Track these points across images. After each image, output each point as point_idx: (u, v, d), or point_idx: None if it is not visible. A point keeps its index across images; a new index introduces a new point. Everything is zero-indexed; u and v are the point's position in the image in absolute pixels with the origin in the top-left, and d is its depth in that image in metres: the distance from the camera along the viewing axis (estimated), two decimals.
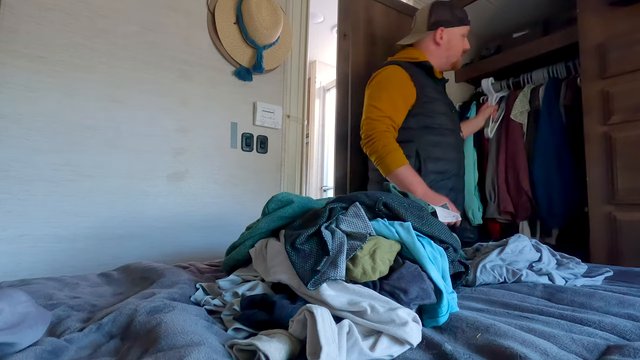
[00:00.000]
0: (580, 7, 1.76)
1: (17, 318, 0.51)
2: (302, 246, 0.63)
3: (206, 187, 1.66)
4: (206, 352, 0.44)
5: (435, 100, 1.55)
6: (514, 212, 2.14)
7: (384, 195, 0.72)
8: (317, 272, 0.57)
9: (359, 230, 0.65)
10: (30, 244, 1.26)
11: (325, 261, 0.58)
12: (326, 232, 0.63)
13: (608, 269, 1.01)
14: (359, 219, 0.67)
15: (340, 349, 0.44)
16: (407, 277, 0.60)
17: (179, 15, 1.63)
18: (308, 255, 0.61)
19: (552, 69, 2.15)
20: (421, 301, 0.58)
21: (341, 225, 0.66)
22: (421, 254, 0.64)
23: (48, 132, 1.31)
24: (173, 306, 0.63)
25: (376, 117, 1.45)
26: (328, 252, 0.60)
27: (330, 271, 0.57)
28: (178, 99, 1.61)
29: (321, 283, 0.56)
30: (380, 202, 0.70)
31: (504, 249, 1.02)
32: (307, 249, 0.62)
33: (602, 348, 0.50)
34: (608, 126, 1.63)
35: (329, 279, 0.56)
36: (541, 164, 2.01)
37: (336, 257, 0.59)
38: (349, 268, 0.60)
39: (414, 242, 0.65)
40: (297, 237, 0.63)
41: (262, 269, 0.73)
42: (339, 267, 0.57)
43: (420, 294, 0.58)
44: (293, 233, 0.65)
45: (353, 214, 0.68)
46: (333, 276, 0.56)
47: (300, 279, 0.58)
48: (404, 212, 0.70)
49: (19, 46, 1.27)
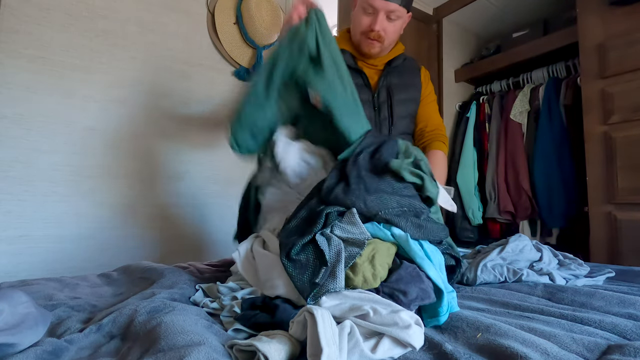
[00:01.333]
0: (580, 7, 1.76)
1: (18, 319, 0.51)
2: (298, 256, 0.60)
3: (206, 187, 1.66)
4: (206, 352, 0.44)
5: None
6: (514, 212, 2.15)
7: (382, 210, 0.68)
8: (315, 285, 0.55)
9: (356, 236, 0.63)
10: (30, 245, 1.26)
11: (323, 273, 0.56)
12: (322, 240, 0.61)
13: (610, 270, 1.01)
14: (355, 226, 0.65)
15: (341, 351, 0.44)
16: (405, 278, 0.59)
17: (179, 15, 1.63)
18: (305, 266, 0.59)
19: (552, 68, 2.15)
20: (421, 301, 0.58)
21: (336, 232, 0.64)
22: (418, 255, 0.63)
23: (48, 132, 1.31)
24: (173, 306, 0.63)
25: None
26: (326, 262, 0.58)
27: (330, 283, 0.55)
28: (178, 99, 1.61)
29: (320, 296, 0.54)
30: (380, 218, 0.67)
31: (504, 248, 1.02)
32: (304, 259, 0.60)
33: (602, 347, 0.50)
34: (608, 126, 1.63)
35: (328, 292, 0.55)
36: (541, 164, 2.01)
37: (334, 267, 0.57)
38: (349, 277, 0.58)
39: (410, 244, 0.64)
40: (292, 246, 0.61)
41: (251, 277, 0.71)
42: (337, 278, 0.56)
43: (419, 295, 0.58)
44: (288, 242, 0.63)
45: (348, 221, 0.66)
46: (332, 288, 0.55)
47: (299, 292, 0.56)
48: (403, 223, 0.67)
49: (19, 46, 1.27)
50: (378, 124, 1.25)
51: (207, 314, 0.65)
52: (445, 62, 2.54)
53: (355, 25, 1.23)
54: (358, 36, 1.23)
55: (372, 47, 1.22)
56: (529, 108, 2.16)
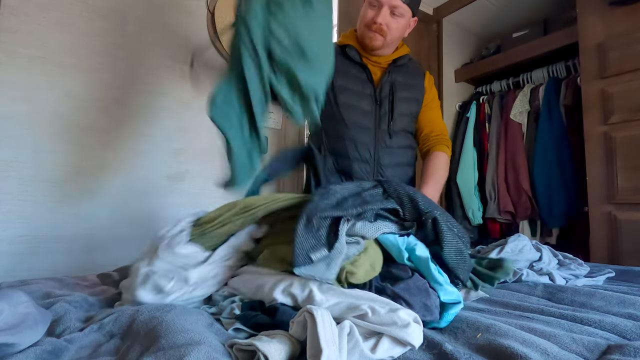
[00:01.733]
0: (580, 7, 1.76)
1: (18, 318, 0.51)
2: (318, 220, 0.60)
3: (206, 187, 1.66)
4: (206, 351, 0.44)
5: (345, 91, 1.27)
6: (514, 212, 2.14)
7: (438, 213, 0.66)
8: (309, 260, 0.56)
9: (368, 235, 0.63)
10: (30, 245, 1.26)
11: (321, 255, 0.57)
12: (343, 229, 0.60)
13: (610, 270, 1.01)
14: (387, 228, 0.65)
15: (341, 351, 0.44)
16: (412, 289, 0.59)
17: (179, 15, 1.63)
18: (314, 234, 0.59)
19: (552, 68, 2.15)
20: (422, 317, 0.55)
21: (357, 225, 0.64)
22: (436, 278, 0.62)
23: (48, 132, 1.31)
24: (174, 306, 0.62)
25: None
26: (332, 245, 0.58)
27: (321, 270, 0.56)
28: (178, 99, 1.61)
29: (306, 277, 0.55)
30: (430, 216, 0.65)
31: (503, 248, 1.02)
32: (317, 225, 0.60)
33: (602, 347, 0.50)
34: (608, 126, 1.63)
35: (314, 278, 0.55)
36: (541, 164, 2.01)
37: (333, 259, 0.57)
38: (352, 272, 0.59)
39: (431, 269, 0.63)
40: (323, 210, 0.61)
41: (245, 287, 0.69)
42: (330, 271, 0.56)
43: (422, 310, 0.57)
44: (319, 205, 0.62)
45: (383, 225, 0.65)
46: (320, 277, 0.55)
47: (293, 254, 0.56)
48: (449, 236, 0.65)
49: (19, 46, 1.26)
50: (378, 118, 1.27)
51: (208, 313, 0.65)
52: (445, 62, 2.54)
53: (361, 18, 1.28)
54: (362, 28, 1.27)
55: (374, 39, 1.25)
56: (529, 108, 2.16)
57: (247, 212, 0.69)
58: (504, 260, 0.73)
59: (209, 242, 0.69)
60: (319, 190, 0.69)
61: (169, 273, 0.65)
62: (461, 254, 0.66)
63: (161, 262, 0.66)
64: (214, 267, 0.68)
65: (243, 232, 0.72)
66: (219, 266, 0.69)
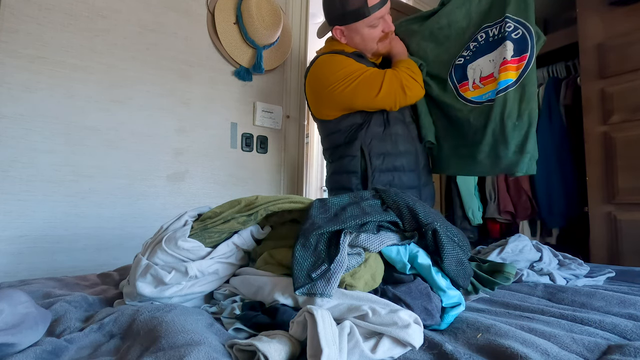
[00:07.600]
0: (580, 7, 1.76)
1: (18, 318, 0.51)
2: (315, 237, 0.59)
3: (206, 188, 1.66)
4: (206, 351, 0.44)
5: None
6: (514, 212, 2.14)
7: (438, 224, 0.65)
8: (310, 279, 0.55)
9: (371, 249, 0.63)
10: (30, 245, 1.26)
11: (322, 270, 0.55)
12: (345, 241, 0.59)
13: (610, 270, 1.01)
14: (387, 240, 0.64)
15: (341, 351, 0.44)
16: (414, 292, 0.59)
17: (179, 15, 1.63)
18: (312, 252, 0.58)
19: (552, 68, 2.15)
20: (423, 321, 0.55)
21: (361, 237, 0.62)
22: (439, 284, 0.62)
23: (48, 132, 1.31)
24: (174, 306, 0.62)
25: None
26: (332, 259, 0.56)
27: (322, 287, 0.54)
28: (178, 99, 1.61)
29: (309, 295, 0.54)
30: (430, 228, 0.64)
31: (503, 249, 1.02)
32: (314, 242, 0.59)
33: (602, 348, 0.50)
34: (608, 126, 1.63)
35: (316, 295, 0.54)
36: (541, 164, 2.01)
37: (333, 273, 0.55)
38: (352, 285, 0.58)
39: (433, 276, 0.62)
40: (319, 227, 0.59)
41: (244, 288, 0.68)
42: (331, 285, 0.54)
43: (422, 314, 0.56)
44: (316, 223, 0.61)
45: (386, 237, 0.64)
46: (320, 293, 0.53)
47: (293, 277, 0.55)
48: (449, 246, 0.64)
49: (19, 46, 1.26)
50: (404, 109, 1.39)
51: (208, 313, 0.65)
52: None
53: (368, 40, 1.33)
54: (375, 46, 1.35)
55: (387, 45, 1.37)
56: None
57: (249, 210, 0.69)
58: (505, 265, 0.73)
59: (211, 237, 0.69)
60: (316, 203, 0.68)
61: (169, 265, 0.66)
62: (462, 264, 0.65)
63: (163, 254, 0.66)
64: (214, 262, 0.68)
65: (245, 231, 0.72)
66: (219, 262, 0.68)
